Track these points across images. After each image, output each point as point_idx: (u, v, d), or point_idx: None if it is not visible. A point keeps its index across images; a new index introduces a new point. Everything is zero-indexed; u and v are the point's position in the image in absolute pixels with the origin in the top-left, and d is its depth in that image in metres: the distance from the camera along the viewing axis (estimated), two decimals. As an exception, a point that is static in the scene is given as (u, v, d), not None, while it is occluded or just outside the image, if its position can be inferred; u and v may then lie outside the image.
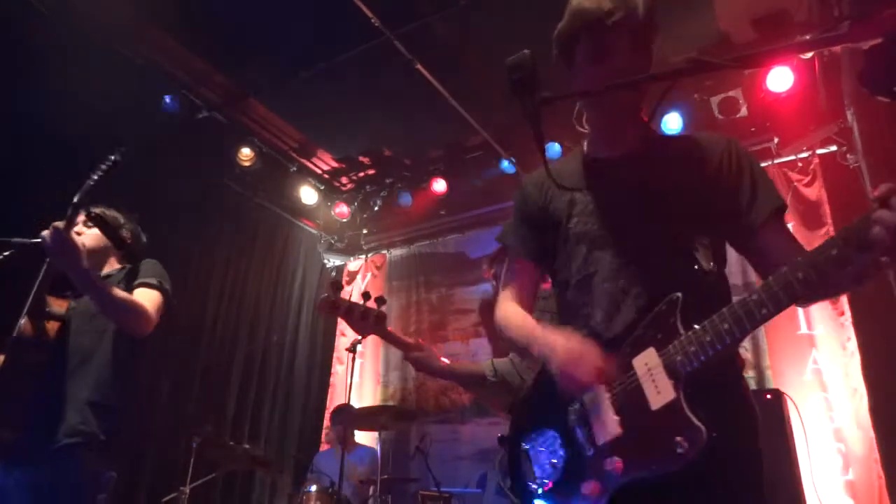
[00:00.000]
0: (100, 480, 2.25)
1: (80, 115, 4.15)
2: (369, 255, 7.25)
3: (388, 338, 2.38)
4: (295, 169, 6.36)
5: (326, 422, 6.50)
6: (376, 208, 6.75)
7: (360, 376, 6.56)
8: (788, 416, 3.68)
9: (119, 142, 2.30)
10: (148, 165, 4.77)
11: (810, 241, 4.89)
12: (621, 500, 1.35)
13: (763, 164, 4.98)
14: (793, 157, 5.00)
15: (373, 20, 4.28)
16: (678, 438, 1.24)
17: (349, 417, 4.86)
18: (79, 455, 2.19)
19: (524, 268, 1.77)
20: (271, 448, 6.20)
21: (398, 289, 6.79)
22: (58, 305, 2.40)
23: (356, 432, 5.41)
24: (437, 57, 4.70)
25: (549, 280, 1.79)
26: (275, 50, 4.82)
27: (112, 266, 2.63)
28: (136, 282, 2.43)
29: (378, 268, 7.13)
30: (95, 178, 2.21)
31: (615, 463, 1.34)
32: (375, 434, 5.03)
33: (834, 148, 4.77)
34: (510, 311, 1.72)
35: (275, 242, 6.76)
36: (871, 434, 4.10)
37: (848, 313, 4.40)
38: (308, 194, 6.43)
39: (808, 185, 4.90)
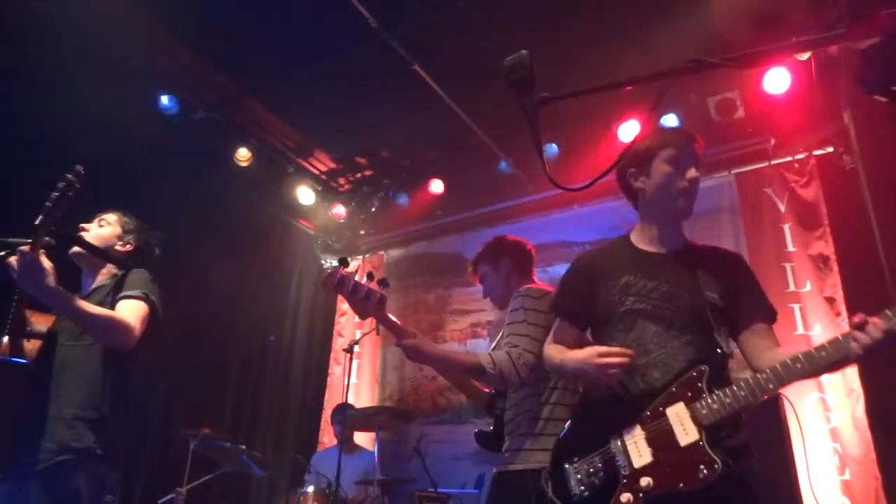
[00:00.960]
0: (103, 484, 2.25)
1: (77, 114, 4.14)
2: (366, 256, 7.25)
3: (386, 322, 2.37)
4: (292, 169, 6.35)
5: (324, 422, 6.50)
6: (373, 209, 6.75)
7: (357, 377, 6.55)
8: (785, 417, 3.69)
9: (76, 161, 2.25)
10: (144, 165, 4.77)
11: (807, 241, 4.93)
12: None
13: (760, 166, 5.08)
14: (789, 158, 5.01)
15: (370, 21, 4.28)
16: (701, 466, 1.74)
17: (347, 418, 4.85)
18: (76, 470, 2.19)
19: (571, 331, 2.22)
20: (268, 449, 6.19)
21: (395, 289, 6.78)
22: (42, 321, 2.38)
23: (355, 432, 5.40)
24: (435, 58, 4.70)
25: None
26: (273, 50, 4.82)
27: (109, 273, 2.61)
28: (121, 294, 2.41)
29: (375, 268, 7.12)
30: (54, 198, 2.17)
31: (647, 481, 1.81)
32: (373, 434, 5.03)
33: (831, 149, 4.79)
34: (553, 349, 2.20)
35: (272, 243, 6.74)
36: (868, 434, 4.11)
37: (844, 314, 4.42)
38: (305, 195, 6.42)
39: (804, 185, 4.91)
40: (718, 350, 1.92)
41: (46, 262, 2.15)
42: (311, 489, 4.36)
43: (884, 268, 3.73)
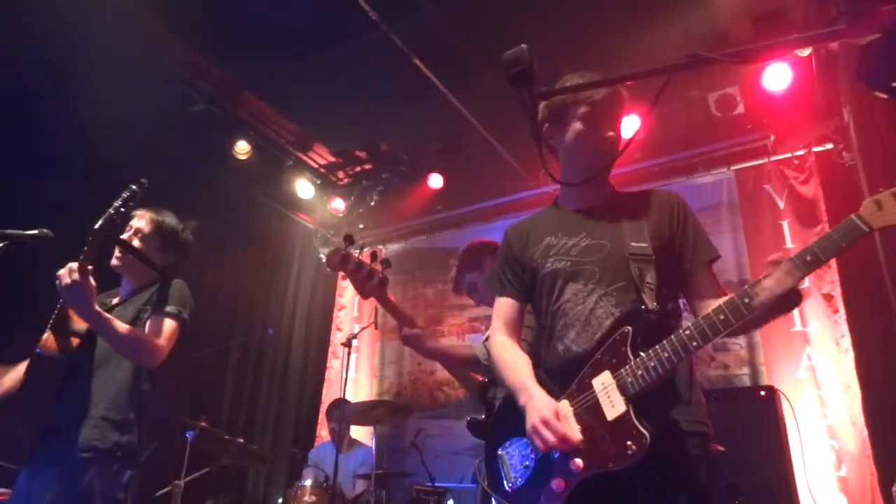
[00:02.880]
0: (117, 481, 2.32)
1: (75, 106, 4.13)
2: (365, 250, 7.20)
3: (387, 305, 2.39)
4: (291, 163, 6.34)
5: (322, 416, 6.51)
6: (372, 203, 6.75)
7: (355, 371, 6.56)
8: (782, 413, 3.70)
9: (138, 178, 2.39)
10: (143, 157, 4.76)
11: (806, 238, 4.96)
12: (579, 493, 1.65)
13: (759, 162, 5.09)
14: (789, 155, 5.01)
15: (370, 14, 4.27)
16: (628, 442, 1.57)
17: (344, 413, 4.86)
18: (93, 466, 2.26)
19: (509, 305, 2.04)
20: (266, 442, 6.20)
21: (394, 284, 6.72)
22: (81, 321, 2.44)
23: (352, 427, 5.41)
24: (435, 51, 4.69)
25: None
26: (272, 43, 4.80)
27: (148, 277, 2.67)
28: (157, 309, 2.50)
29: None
30: (116, 206, 2.26)
31: (577, 463, 1.64)
32: (370, 428, 5.04)
33: (830, 146, 4.79)
34: (505, 353, 1.96)
35: (270, 236, 6.74)
36: (864, 431, 4.12)
37: (842, 311, 4.42)
38: (304, 188, 6.42)
39: (804, 182, 4.91)
40: (643, 307, 1.71)
41: (91, 283, 2.23)
42: (308, 483, 4.36)
43: (882, 265, 3.74)
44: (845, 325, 4.38)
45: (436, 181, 6.19)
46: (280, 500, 4.63)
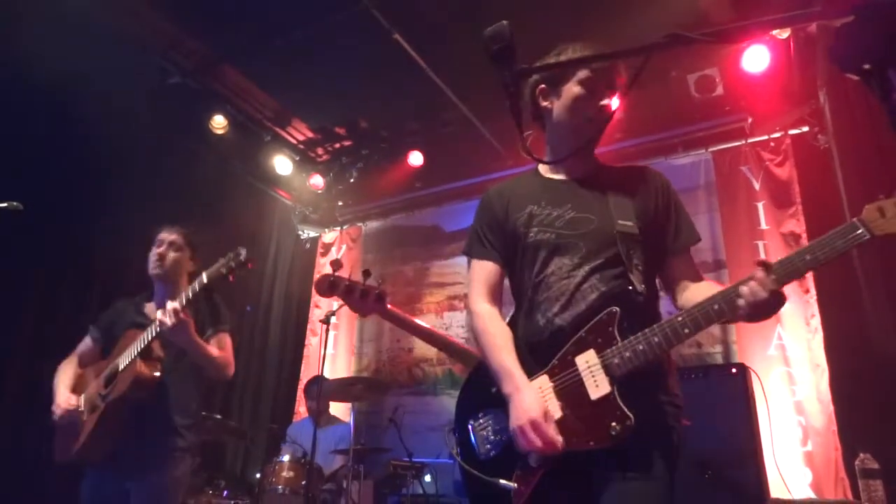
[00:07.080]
0: (187, 469, 2.89)
1: (50, 79, 4.04)
2: (344, 227, 7.22)
3: (390, 317, 2.37)
4: (269, 138, 6.27)
5: (300, 393, 6.52)
6: (352, 180, 6.70)
7: (333, 348, 6.57)
8: (752, 390, 3.79)
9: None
10: (118, 132, 4.68)
11: (780, 220, 5.01)
12: (552, 472, 1.65)
13: (736, 144, 5.14)
14: (765, 137, 5.07)
15: (351, -13, 4.21)
16: (613, 423, 1.57)
17: (323, 390, 4.87)
18: (180, 461, 2.83)
19: (491, 270, 1.95)
20: (244, 418, 6.21)
21: (373, 261, 6.79)
22: (158, 347, 2.88)
23: (330, 403, 5.43)
24: (416, 27, 4.64)
25: None
26: (250, 15, 4.71)
27: (183, 284, 3.09)
28: (219, 327, 3.00)
29: (353, 240, 7.11)
30: (224, 271, 2.72)
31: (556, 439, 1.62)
32: (349, 405, 5.06)
33: (806, 129, 4.85)
34: (491, 327, 1.87)
35: (248, 212, 6.67)
36: (831, 408, 4.25)
37: (813, 291, 4.52)
38: (282, 164, 6.35)
39: (779, 164, 4.98)
40: (630, 287, 1.71)
41: (191, 320, 2.68)
42: (286, 458, 4.39)
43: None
44: (815, 305, 4.48)
45: (416, 159, 6.16)
46: (258, 476, 4.65)
